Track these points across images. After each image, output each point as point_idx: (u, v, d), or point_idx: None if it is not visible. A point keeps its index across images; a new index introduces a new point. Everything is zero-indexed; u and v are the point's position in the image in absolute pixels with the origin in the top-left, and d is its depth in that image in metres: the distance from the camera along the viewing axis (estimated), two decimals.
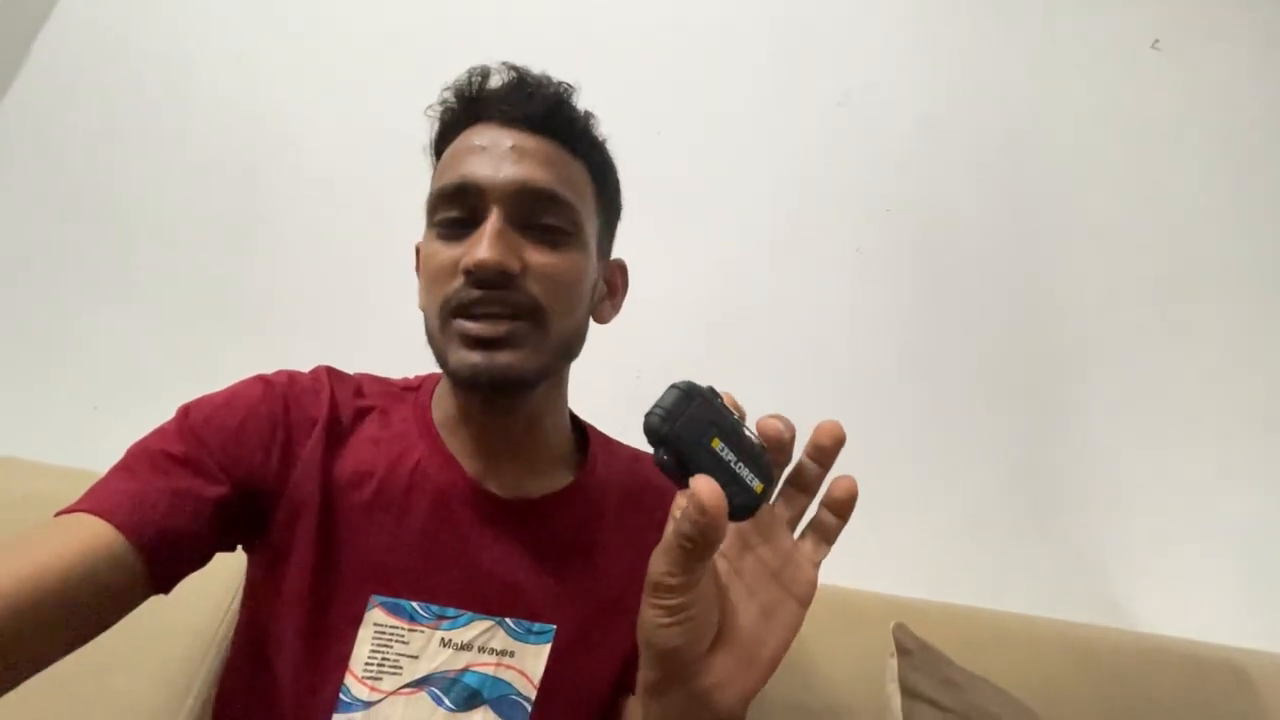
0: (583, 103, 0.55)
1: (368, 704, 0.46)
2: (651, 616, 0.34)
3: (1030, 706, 0.66)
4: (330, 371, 0.55)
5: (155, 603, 0.43)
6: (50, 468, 0.81)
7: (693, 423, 0.33)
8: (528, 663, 0.50)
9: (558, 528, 0.53)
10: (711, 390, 0.34)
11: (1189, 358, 1.07)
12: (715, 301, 1.04)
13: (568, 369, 0.56)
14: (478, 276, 0.46)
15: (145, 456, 0.44)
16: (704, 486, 0.30)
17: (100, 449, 0.77)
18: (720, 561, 0.36)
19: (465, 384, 0.49)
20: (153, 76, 1.03)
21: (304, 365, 0.81)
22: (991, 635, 0.82)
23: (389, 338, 0.70)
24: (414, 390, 0.57)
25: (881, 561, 0.97)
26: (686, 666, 0.35)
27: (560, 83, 0.54)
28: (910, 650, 0.67)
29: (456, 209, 0.49)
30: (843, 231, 1.09)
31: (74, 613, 0.37)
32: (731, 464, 0.33)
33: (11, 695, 0.36)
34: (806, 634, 0.77)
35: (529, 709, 0.50)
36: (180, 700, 0.65)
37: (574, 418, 0.62)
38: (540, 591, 0.51)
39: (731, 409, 0.35)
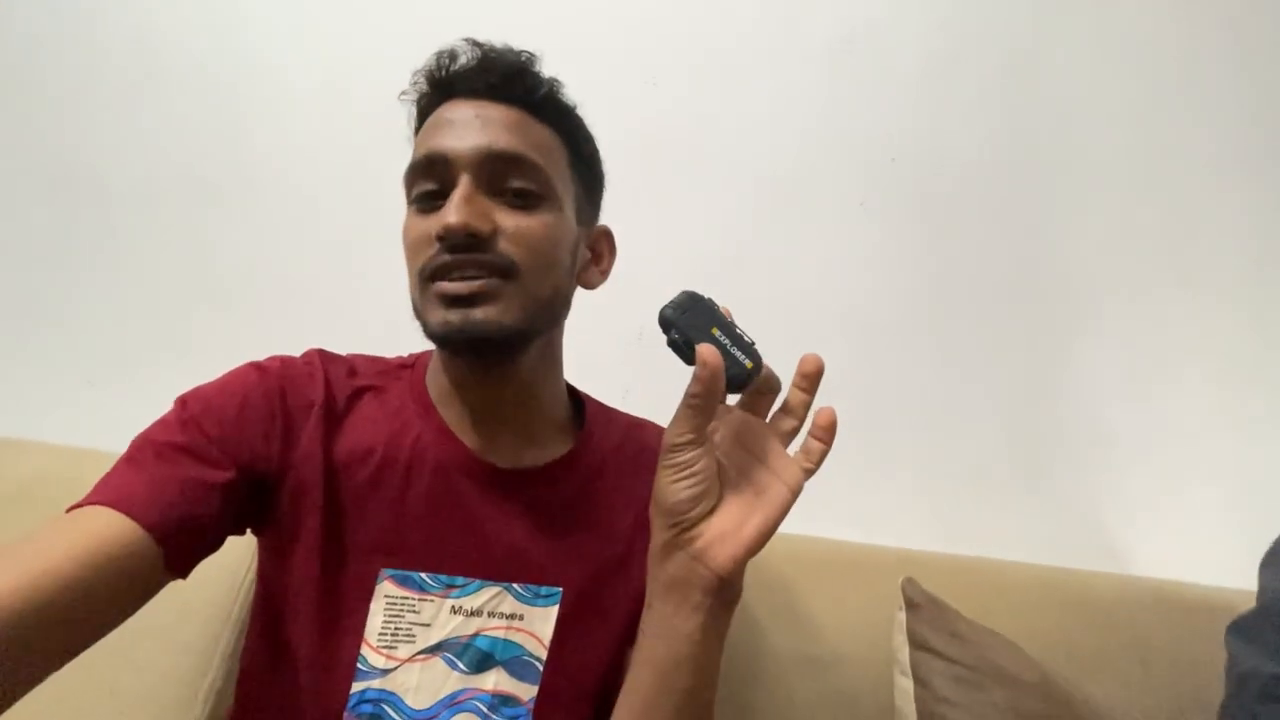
0: (563, 64, 0.55)
1: (385, 671, 0.47)
2: (665, 477, 0.41)
3: (1034, 657, 0.67)
4: (322, 354, 0.55)
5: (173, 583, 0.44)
6: (48, 446, 0.80)
7: (697, 315, 0.42)
8: (537, 625, 0.51)
9: (559, 494, 0.54)
10: (712, 300, 0.43)
11: (1191, 304, 1.06)
12: (715, 258, 1.02)
13: (559, 338, 0.57)
14: (450, 241, 0.47)
15: (150, 448, 0.44)
16: (707, 350, 0.39)
17: (96, 425, 0.76)
18: (719, 452, 0.43)
19: (445, 343, 0.49)
20: (117, 37, 0.98)
21: (294, 335, 0.80)
22: (995, 585, 0.83)
23: (378, 304, 0.68)
24: (408, 368, 0.57)
25: (888, 515, 0.98)
26: (690, 527, 0.41)
27: (521, 51, 0.53)
28: (918, 604, 0.68)
29: (429, 181, 0.50)
30: (846, 183, 1.06)
31: (98, 602, 0.38)
32: (727, 346, 0.42)
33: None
34: (815, 587, 0.79)
35: (540, 668, 0.51)
36: (202, 674, 0.67)
37: (571, 389, 0.62)
38: (545, 556, 0.52)
39: (726, 313, 0.44)
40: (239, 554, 0.69)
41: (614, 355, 0.96)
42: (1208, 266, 1.07)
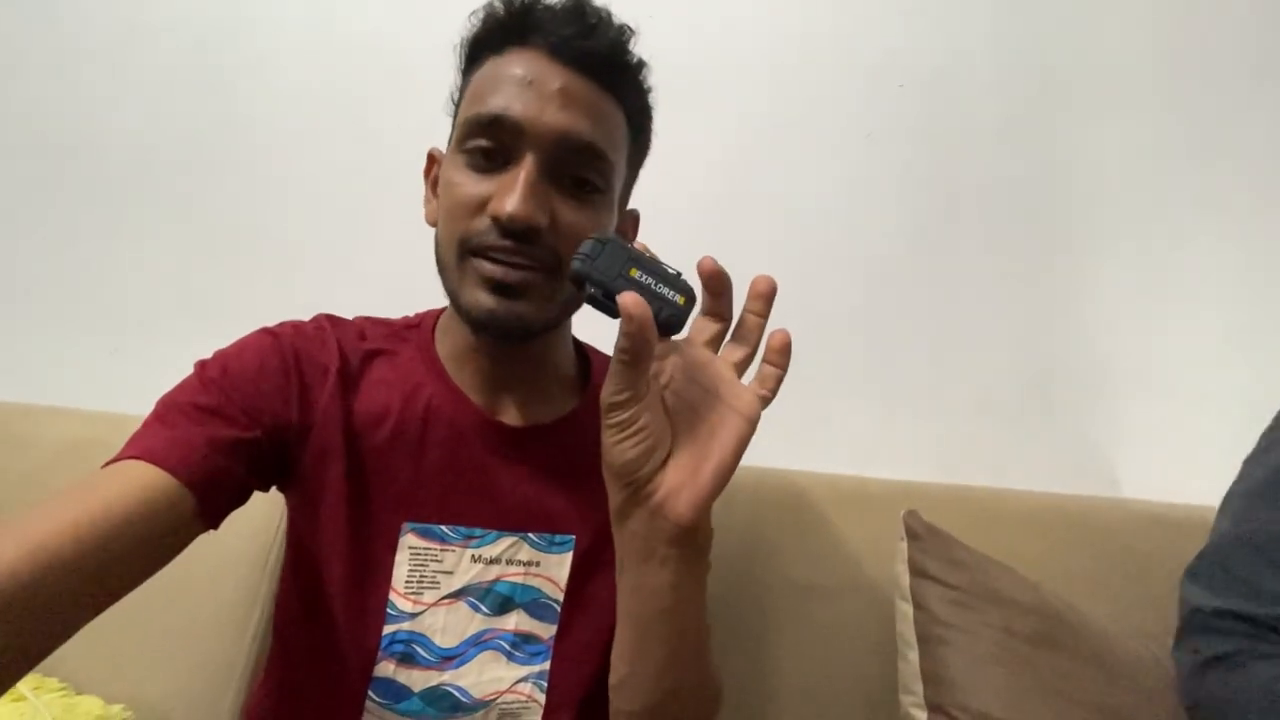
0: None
1: (413, 615, 0.51)
2: (609, 437, 0.39)
3: (1032, 579, 0.70)
4: (330, 318, 0.56)
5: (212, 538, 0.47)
6: (81, 412, 0.83)
7: (610, 259, 0.39)
8: (553, 570, 0.54)
9: (568, 448, 0.56)
10: (621, 235, 0.40)
11: (1208, 228, 1.03)
12: (714, 197, 1.00)
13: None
14: (505, 227, 0.46)
15: (175, 408, 0.46)
16: (629, 299, 0.36)
17: (123, 390, 0.79)
18: (669, 391, 0.41)
19: (479, 326, 0.49)
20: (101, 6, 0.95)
21: (308, 293, 0.81)
22: (996, 513, 0.85)
23: (386, 260, 0.67)
24: (415, 328, 0.58)
25: (893, 448, 1.00)
26: (643, 484, 0.39)
27: (623, 25, 0.50)
28: (920, 535, 0.70)
29: (489, 139, 0.48)
30: (852, 113, 1.03)
31: (135, 550, 0.39)
32: (652, 285, 0.39)
33: (95, 621, 0.39)
34: (820, 522, 0.82)
35: (558, 609, 0.54)
36: (244, 621, 0.71)
37: (578, 343, 0.63)
38: (557, 507, 0.55)
39: (642, 249, 0.41)
40: (269, 509, 0.73)
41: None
42: (1226, 189, 1.03)
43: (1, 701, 0.61)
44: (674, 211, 1.01)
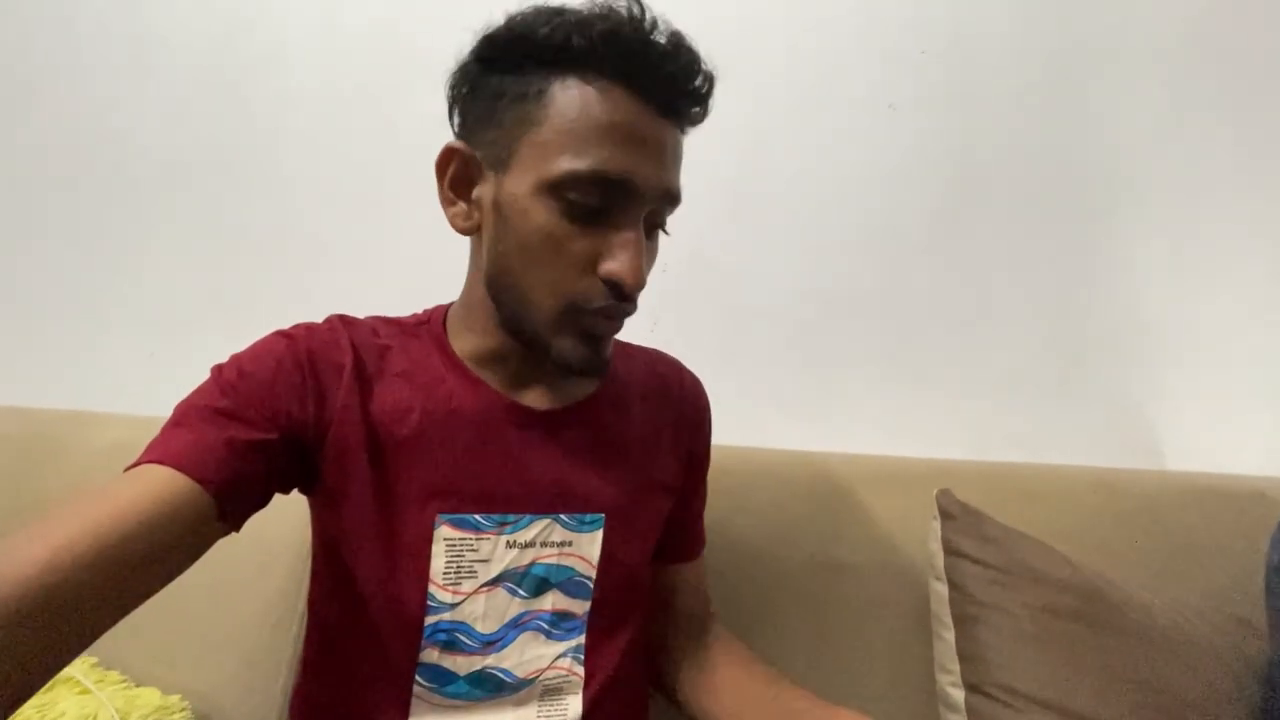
0: None
1: (453, 605, 0.52)
2: None
3: (1066, 554, 0.68)
4: (342, 318, 0.56)
5: (257, 521, 0.48)
6: (120, 416, 0.86)
7: None
8: (584, 548, 0.56)
9: (591, 429, 0.57)
10: None
11: (1247, 194, 0.99)
12: (730, 173, 0.98)
13: None
14: (622, 294, 0.48)
15: (194, 412, 0.47)
16: None
17: (163, 393, 0.81)
18: None
19: (565, 369, 0.51)
20: (116, 5, 0.96)
21: (336, 293, 0.82)
22: (1030, 489, 0.83)
23: (414, 256, 0.67)
24: (425, 324, 0.58)
25: (923, 427, 0.98)
26: None
27: (711, 73, 0.51)
28: (953, 514, 0.69)
29: (597, 198, 0.46)
30: (872, 82, 1.00)
31: (158, 552, 0.40)
32: None
33: (143, 617, 0.41)
34: (851, 502, 0.82)
35: (591, 585, 0.56)
36: (288, 619, 0.73)
37: None
38: (585, 487, 0.56)
39: None
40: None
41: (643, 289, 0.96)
42: (1264, 146, 0.99)
43: (67, 695, 0.64)
44: (690, 192, 1.00)
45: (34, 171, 0.98)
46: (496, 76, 0.49)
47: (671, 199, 0.50)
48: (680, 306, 0.96)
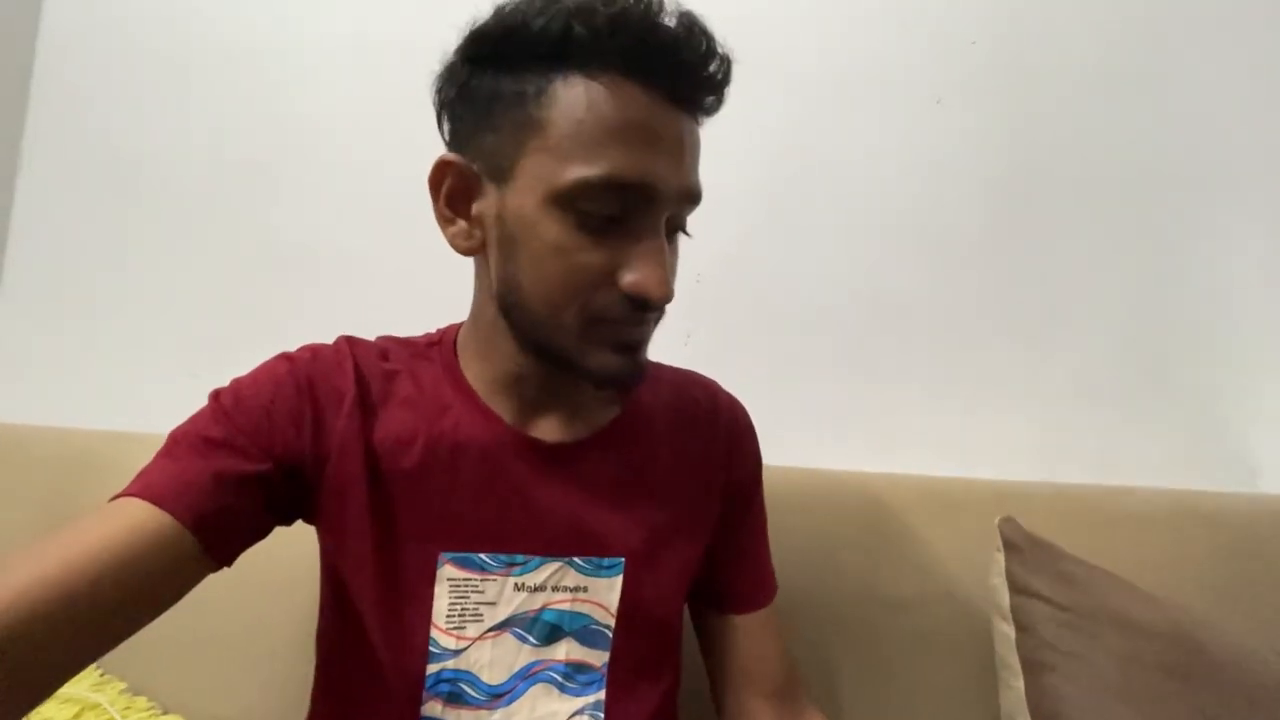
0: None
1: (456, 652, 0.48)
2: None
3: (1155, 595, 0.61)
4: (351, 340, 0.53)
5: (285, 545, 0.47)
6: (161, 438, 0.86)
7: None
8: (602, 595, 0.51)
9: (610, 462, 0.53)
10: None
11: None
12: (771, 177, 0.93)
13: None
14: (648, 306, 0.44)
15: (185, 441, 0.45)
16: None
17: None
18: None
19: (600, 383, 0.47)
20: (155, 27, 0.98)
21: (369, 308, 0.80)
22: (1107, 515, 0.76)
23: (450, 271, 0.65)
24: (437, 345, 0.55)
25: (982, 445, 0.91)
26: None
27: (728, 55, 0.45)
28: (1019, 546, 0.63)
29: (614, 206, 0.42)
30: (919, 75, 0.93)
31: (129, 592, 0.38)
32: None
33: (172, 642, 0.39)
34: (901, 525, 0.75)
35: (610, 635, 0.51)
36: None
37: None
38: (603, 527, 0.51)
39: None
40: None
41: (675, 300, 0.91)
42: None
43: None
44: (724, 195, 0.95)
45: (73, 193, 1.00)
46: (489, 77, 0.44)
47: (692, 198, 0.46)
48: (716, 317, 0.91)
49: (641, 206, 0.43)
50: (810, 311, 0.93)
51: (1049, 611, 0.59)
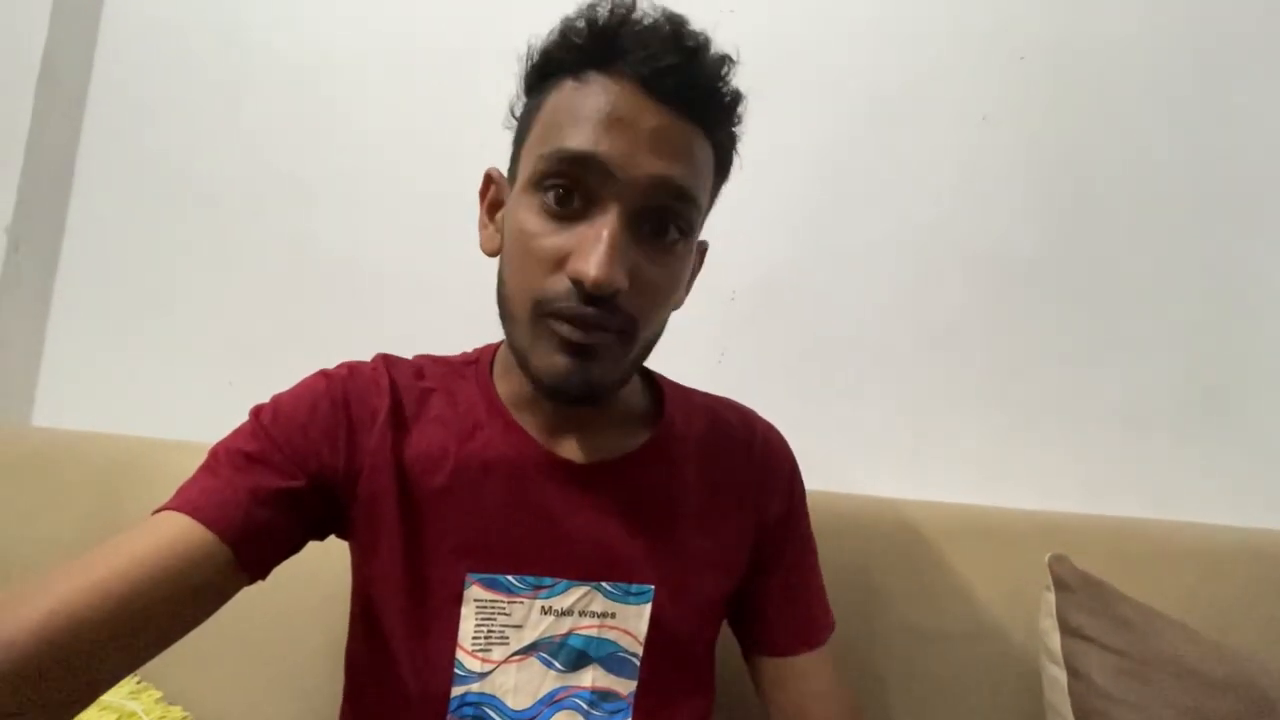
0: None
1: (481, 675, 0.48)
2: None
3: (1219, 642, 0.57)
4: (387, 359, 0.54)
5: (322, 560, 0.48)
6: (201, 445, 0.87)
7: None
8: (630, 622, 0.50)
9: (641, 486, 0.52)
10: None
11: None
12: (813, 198, 0.91)
13: None
14: (587, 293, 0.42)
15: (225, 456, 0.46)
16: None
17: (242, 421, 0.83)
18: None
19: (548, 391, 0.46)
20: (209, 42, 1.01)
21: (409, 323, 0.80)
22: (1163, 552, 0.72)
23: (478, 284, 0.65)
24: (474, 364, 0.55)
25: (1024, 471, 0.87)
26: None
27: (724, 55, 0.46)
28: (1070, 585, 0.60)
29: (569, 180, 0.43)
30: (966, 92, 0.91)
31: (168, 604, 0.39)
32: None
33: (209, 653, 0.39)
34: (940, 555, 0.73)
35: (638, 663, 0.50)
36: None
37: (646, 371, 0.59)
38: (633, 552, 0.50)
39: None
40: None
41: (708, 318, 0.90)
42: None
43: None
44: (766, 215, 0.95)
45: (119, 205, 1.03)
46: (525, 102, 0.50)
47: (670, 190, 0.43)
48: (751, 336, 0.89)
49: (597, 187, 0.42)
50: (849, 332, 0.91)
51: (1103, 657, 0.56)
